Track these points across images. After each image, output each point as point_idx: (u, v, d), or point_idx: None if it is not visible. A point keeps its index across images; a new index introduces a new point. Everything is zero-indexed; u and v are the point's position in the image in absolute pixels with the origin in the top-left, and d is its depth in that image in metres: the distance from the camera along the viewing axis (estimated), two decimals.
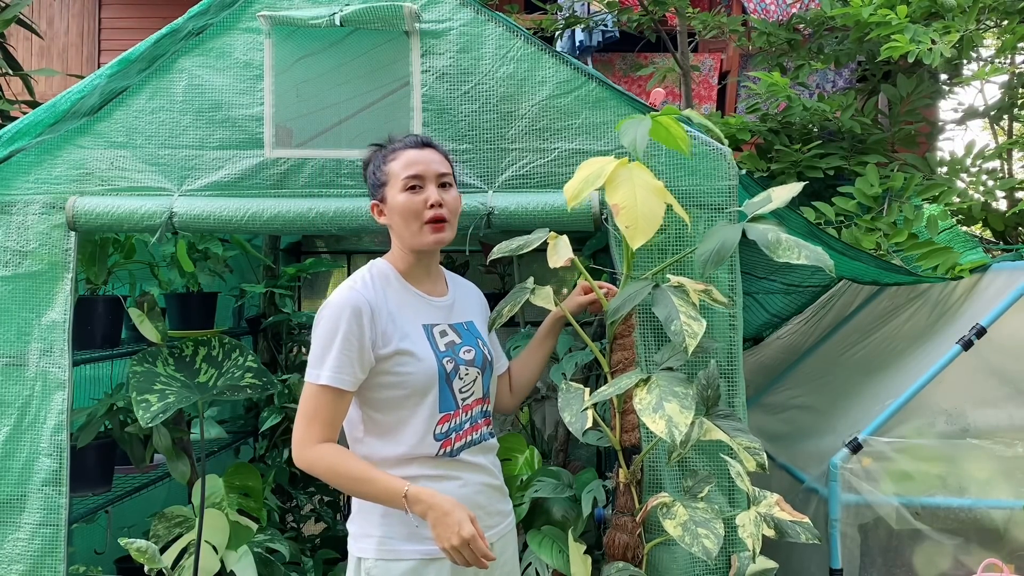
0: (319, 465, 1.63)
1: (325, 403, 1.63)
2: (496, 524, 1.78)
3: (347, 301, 1.65)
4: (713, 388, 1.76)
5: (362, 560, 1.68)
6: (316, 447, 1.62)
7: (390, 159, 1.75)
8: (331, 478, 1.63)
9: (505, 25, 2.07)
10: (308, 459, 1.63)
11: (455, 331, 1.78)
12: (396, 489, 1.57)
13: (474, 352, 1.77)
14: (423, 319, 1.74)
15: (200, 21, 2.08)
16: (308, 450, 1.63)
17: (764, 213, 1.74)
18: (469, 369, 1.75)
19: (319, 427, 1.63)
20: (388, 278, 1.75)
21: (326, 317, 1.65)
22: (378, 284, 1.72)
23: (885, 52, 3.20)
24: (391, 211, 1.74)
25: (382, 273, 1.75)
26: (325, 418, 1.63)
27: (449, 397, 1.71)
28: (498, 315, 1.84)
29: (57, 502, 2.01)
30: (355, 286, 1.69)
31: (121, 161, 2.08)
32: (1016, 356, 2.25)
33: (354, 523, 1.72)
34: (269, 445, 2.96)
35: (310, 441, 1.63)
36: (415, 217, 1.71)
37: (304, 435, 1.64)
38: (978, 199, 3.57)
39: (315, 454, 1.62)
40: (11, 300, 2.06)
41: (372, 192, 1.80)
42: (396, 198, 1.72)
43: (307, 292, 3.94)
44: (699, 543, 1.56)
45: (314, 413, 1.63)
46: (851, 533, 2.15)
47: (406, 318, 1.71)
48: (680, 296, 1.67)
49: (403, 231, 1.74)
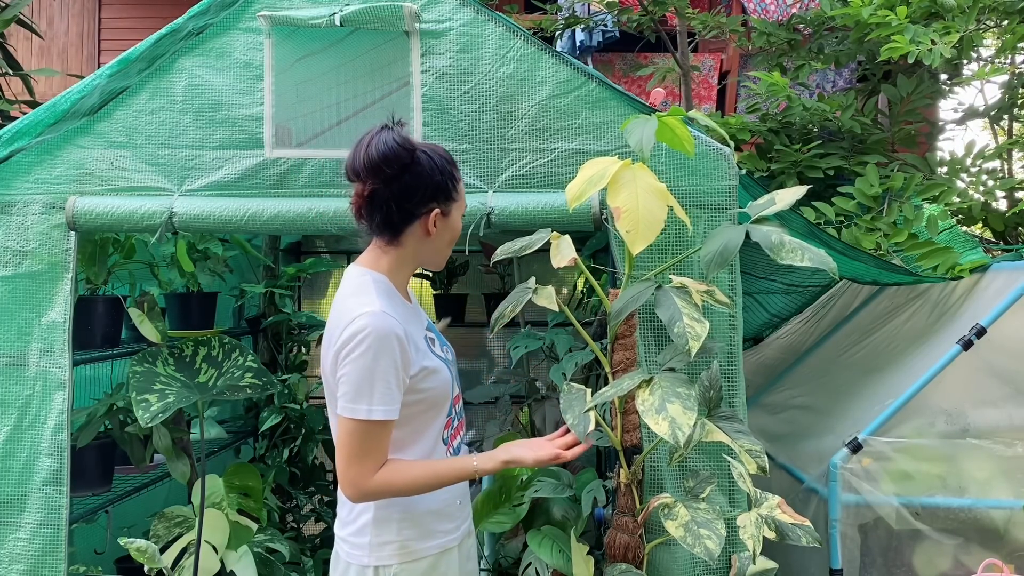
0: (384, 495, 1.60)
1: (377, 436, 1.56)
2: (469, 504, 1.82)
3: (387, 328, 1.53)
4: (715, 389, 1.77)
5: (380, 568, 1.63)
6: (373, 479, 1.57)
7: (459, 178, 1.66)
8: (402, 495, 1.61)
9: (505, 25, 2.07)
10: (370, 493, 1.58)
11: (432, 332, 1.77)
12: (467, 470, 1.65)
13: (448, 349, 1.79)
14: (420, 330, 1.70)
15: (200, 21, 2.08)
16: (368, 485, 1.57)
17: (768, 215, 1.74)
18: (452, 367, 1.76)
19: (373, 461, 1.57)
20: (392, 294, 1.65)
21: (371, 347, 1.52)
22: (393, 301, 1.63)
23: (885, 53, 3.20)
24: (446, 227, 1.65)
25: (386, 287, 1.64)
26: (379, 450, 1.57)
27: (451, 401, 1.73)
28: (500, 315, 1.84)
29: (57, 502, 2.01)
30: (385, 310, 1.56)
31: (121, 161, 2.08)
32: (1016, 356, 2.25)
33: (365, 534, 1.65)
34: (269, 445, 2.96)
35: (368, 476, 1.57)
36: (452, 244, 1.71)
37: (359, 474, 1.56)
38: (978, 199, 3.57)
39: (375, 487, 1.57)
40: (11, 300, 2.06)
41: (437, 198, 1.62)
42: (457, 220, 1.67)
43: (307, 292, 3.94)
44: (701, 544, 1.56)
45: (367, 449, 1.55)
46: (851, 533, 2.15)
47: (415, 334, 1.65)
48: (683, 297, 1.67)
49: (436, 249, 1.68)
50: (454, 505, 1.71)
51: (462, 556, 1.73)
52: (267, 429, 2.82)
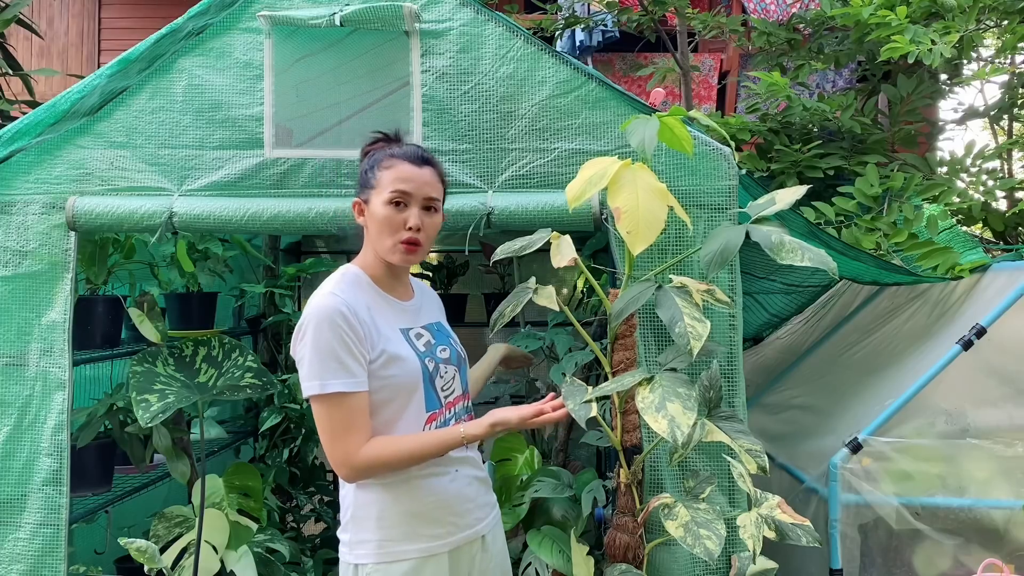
0: (376, 468, 1.61)
1: (348, 409, 1.59)
2: (486, 515, 1.79)
3: (329, 307, 1.60)
4: (715, 389, 1.77)
5: (359, 567, 1.65)
6: (360, 454, 1.59)
7: (385, 166, 1.70)
8: (397, 468, 1.63)
9: (505, 25, 2.07)
10: (361, 468, 1.60)
11: (428, 332, 1.78)
12: (455, 438, 1.65)
13: (449, 351, 1.79)
14: (398, 323, 1.73)
15: (200, 21, 2.07)
16: (356, 460, 1.59)
17: (768, 215, 1.74)
18: (447, 367, 1.76)
19: (353, 437, 1.59)
20: (361, 283, 1.72)
21: (311, 327, 1.59)
22: (354, 289, 1.69)
23: (885, 53, 3.20)
24: (370, 217, 1.71)
25: (356, 279, 1.72)
26: (356, 425, 1.59)
27: (433, 396, 1.72)
28: (500, 315, 1.84)
29: (57, 502, 2.01)
30: (333, 291, 1.64)
31: (121, 161, 2.08)
32: (1016, 356, 2.25)
33: (347, 531, 1.69)
34: (269, 445, 2.96)
35: (354, 451, 1.59)
36: (391, 233, 1.68)
37: (344, 451, 1.59)
38: (978, 199, 3.57)
39: (364, 461, 1.59)
40: (11, 300, 2.06)
41: (359, 188, 1.75)
42: (379, 208, 1.69)
43: (307, 292, 3.93)
44: (701, 544, 1.56)
45: (344, 424, 1.58)
46: (851, 533, 2.15)
47: (384, 322, 1.69)
48: (683, 297, 1.67)
49: (376, 240, 1.71)
50: (443, 509, 1.69)
51: (460, 567, 1.71)
52: (267, 429, 2.82)
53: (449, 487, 1.70)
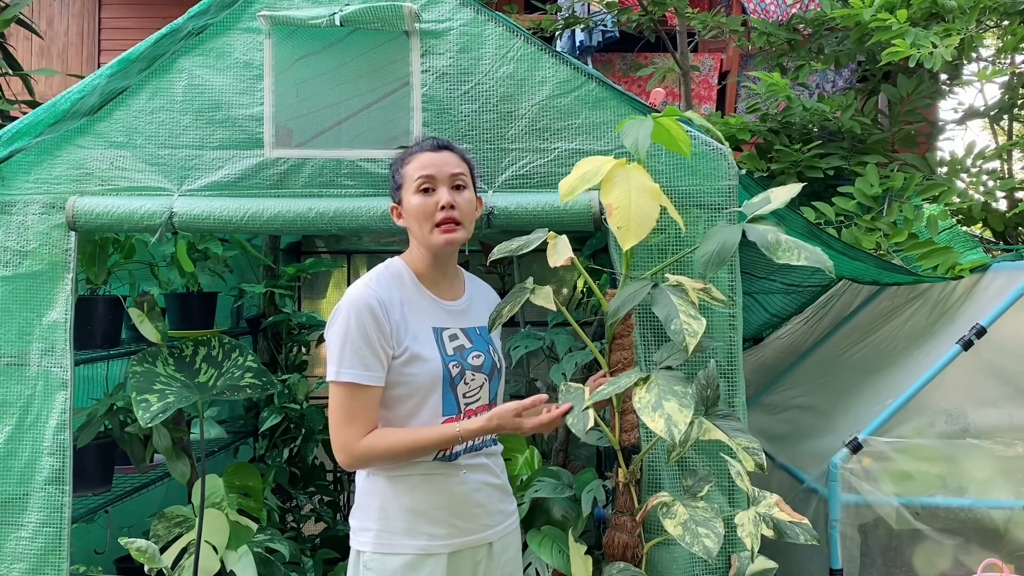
0: (371, 459, 1.66)
1: (357, 399, 1.64)
2: (497, 523, 1.78)
3: (360, 298, 1.66)
4: (712, 388, 1.77)
5: (361, 553, 1.70)
6: (359, 444, 1.64)
7: (406, 162, 1.76)
8: (391, 461, 1.66)
9: (505, 25, 2.07)
10: (358, 457, 1.65)
11: (466, 336, 1.78)
12: (450, 434, 1.65)
13: (483, 358, 1.77)
14: (433, 322, 1.74)
15: (200, 21, 2.08)
16: (355, 449, 1.64)
17: (764, 214, 1.74)
18: (476, 375, 1.75)
19: (356, 427, 1.64)
20: (402, 278, 1.76)
21: (342, 315, 1.66)
22: (392, 283, 1.73)
23: (887, 57, 3.20)
24: (406, 213, 1.76)
25: (397, 272, 1.76)
26: (362, 415, 1.64)
27: (452, 401, 1.71)
28: (498, 315, 1.84)
29: (59, 501, 2.01)
30: (369, 283, 1.70)
31: (121, 161, 2.08)
32: (1016, 356, 2.25)
33: (355, 517, 1.74)
34: (269, 445, 2.96)
35: (354, 440, 1.64)
36: (427, 219, 1.72)
37: (344, 439, 1.64)
38: (978, 199, 3.57)
39: (361, 451, 1.64)
40: (12, 300, 2.06)
41: (392, 195, 1.81)
42: (410, 200, 1.73)
43: (307, 292, 3.93)
44: (699, 542, 1.56)
45: (351, 413, 1.64)
46: (851, 533, 2.15)
47: (416, 319, 1.71)
48: (679, 295, 1.67)
49: (417, 233, 1.75)
50: (444, 511, 1.69)
51: (461, 570, 1.70)
52: (267, 429, 2.82)
53: (455, 489, 1.70)
